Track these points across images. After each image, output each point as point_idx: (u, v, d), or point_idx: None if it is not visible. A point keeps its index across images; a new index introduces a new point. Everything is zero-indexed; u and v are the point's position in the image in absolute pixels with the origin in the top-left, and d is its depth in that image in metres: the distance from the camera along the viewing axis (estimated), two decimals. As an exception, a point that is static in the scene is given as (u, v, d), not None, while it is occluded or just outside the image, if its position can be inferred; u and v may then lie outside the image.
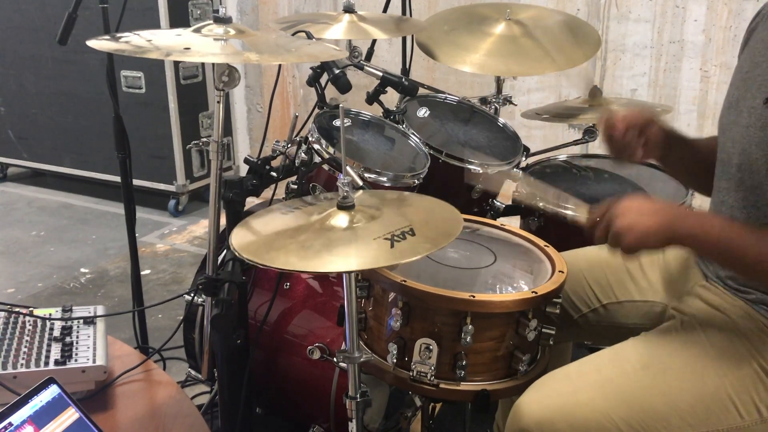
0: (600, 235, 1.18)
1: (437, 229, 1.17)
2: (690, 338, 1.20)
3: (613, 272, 1.45)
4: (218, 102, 1.42)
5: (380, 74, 1.95)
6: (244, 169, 1.59)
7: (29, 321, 1.41)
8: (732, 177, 1.22)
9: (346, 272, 1.17)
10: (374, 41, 2.33)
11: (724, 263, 1.18)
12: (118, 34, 1.35)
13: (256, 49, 1.37)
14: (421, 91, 2.08)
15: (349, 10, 2.04)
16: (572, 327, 1.47)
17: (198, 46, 1.31)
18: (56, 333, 1.38)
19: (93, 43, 1.27)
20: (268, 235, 1.16)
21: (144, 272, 3.10)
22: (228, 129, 3.91)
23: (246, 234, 1.15)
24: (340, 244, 1.08)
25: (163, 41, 1.34)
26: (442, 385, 1.24)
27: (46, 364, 1.29)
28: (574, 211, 1.30)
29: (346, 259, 1.06)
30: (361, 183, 1.57)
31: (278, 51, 1.44)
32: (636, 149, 1.35)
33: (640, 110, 1.38)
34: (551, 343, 1.30)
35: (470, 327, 1.19)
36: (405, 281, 1.22)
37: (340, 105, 1.17)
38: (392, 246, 1.06)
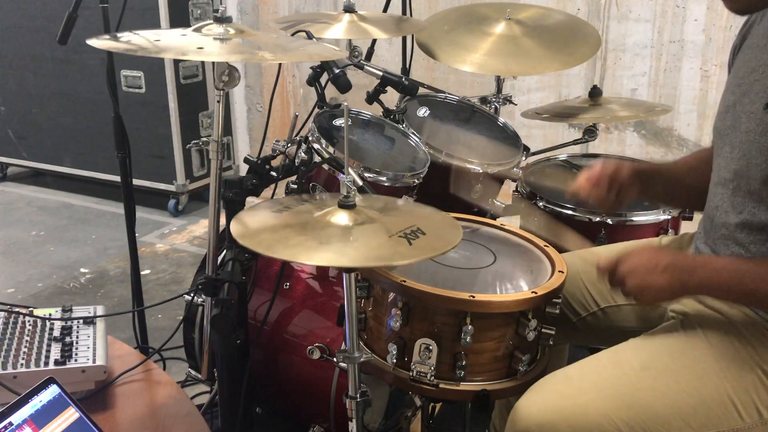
0: (613, 288, 1.23)
1: (443, 231, 1.17)
2: (690, 339, 1.20)
3: None
4: (218, 101, 1.42)
5: (380, 74, 1.95)
6: (244, 169, 1.59)
7: (29, 321, 1.41)
8: (728, 182, 1.22)
9: (377, 267, 1.19)
10: (374, 41, 2.33)
11: (739, 302, 1.19)
12: (120, 35, 1.35)
13: (267, 49, 1.38)
14: (421, 90, 2.07)
15: (349, 9, 2.04)
16: (571, 330, 1.47)
17: (211, 45, 1.31)
18: (56, 333, 1.38)
19: (94, 42, 1.26)
20: (274, 232, 1.15)
21: (144, 272, 3.10)
22: (228, 129, 3.91)
23: (249, 229, 1.15)
24: (355, 242, 1.08)
25: (175, 41, 1.34)
26: (441, 386, 1.24)
27: (46, 364, 1.28)
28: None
29: (369, 255, 1.06)
30: (361, 183, 1.57)
31: (285, 49, 1.44)
32: (614, 199, 1.41)
33: (601, 166, 1.42)
34: (551, 343, 1.29)
35: (470, 327, 1.19)
36: (405, 281, 1.22)
37: (345, 104, 1.17)
38: (410, 243, 1.06)
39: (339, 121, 1.81)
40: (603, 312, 1.44)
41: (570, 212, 1.85)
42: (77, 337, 1.38)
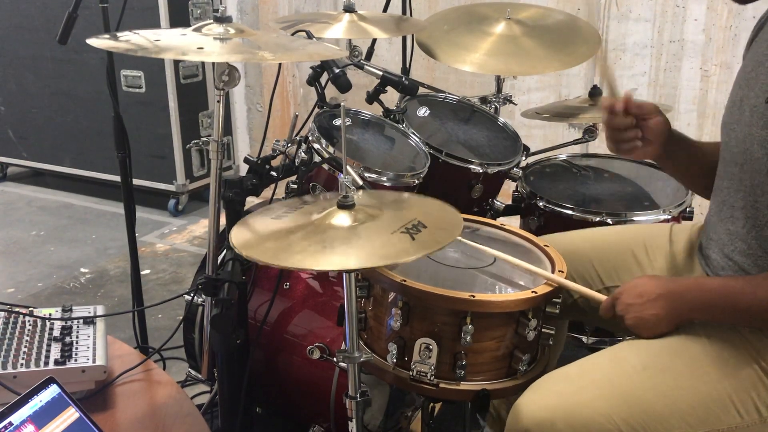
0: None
1: (445, 222, 1.17)
2: (689, 338, 1.20)
3: (619, 255, 1.45)
4: (218, 101, 1.42)
5: (380, 73, 1.95)
6: (244, 169, 1.59)
7: (29, 321, 1.41)
8: (734, 177, 1.22)
9: (384, 266, 1.19)
10: (374, 41, 2.33)
11: (736, 322, 1.19)
12: (120, 34, 1.35)
13: (267, 48, 1.38)
14: (421, 90, 2.07)
15: (349, 9, 2.04)
16: (573, 307, 1.47)
17: (211, 45, 1.31)
18: (56, 333, 1.38)
19: (94, 42, 1.27)
20: (276, 239, 1.14)
21: (144, 272, 3.10)
22: (228, 128, 3.91)
23: (249, 234, 1.15)
24: (358, 242, 1.08)
25: (175, 41, 1.34)
26: (442, 385, 1.24)
27: (46, 363, 1.28)
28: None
29: (374, 255, 1.06)
30: (361, 182, 1.57)
31: (286, 49, 1.44)
32: (634, 138, 1.35)
33: (645, 102, 1.37)
34: (551, 342, 1.30)
35: (470, 327, 1.19)
36: (405, 281, 1.22)
37: (342, 104, 1.17)
38: (413, 239, 1.06)
39: (339, 121, 1.81)
40: (607, 291, 1.43)
41: (569, 212, 1.85)
42: (77, 337, 1.38)
